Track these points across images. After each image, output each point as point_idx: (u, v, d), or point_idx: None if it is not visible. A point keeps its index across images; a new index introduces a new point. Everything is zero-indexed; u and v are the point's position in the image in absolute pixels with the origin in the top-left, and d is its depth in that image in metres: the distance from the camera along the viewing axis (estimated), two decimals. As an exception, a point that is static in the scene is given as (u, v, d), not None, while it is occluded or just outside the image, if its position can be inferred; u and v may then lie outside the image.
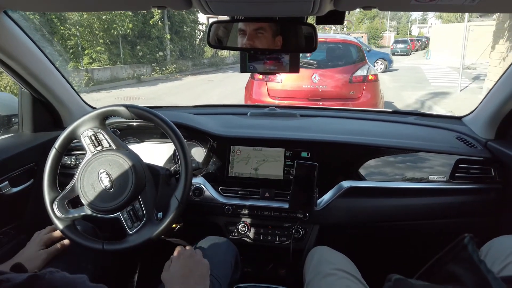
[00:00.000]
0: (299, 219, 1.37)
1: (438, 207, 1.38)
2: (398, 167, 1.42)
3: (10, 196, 1.33)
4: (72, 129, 1.14)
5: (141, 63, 15.01)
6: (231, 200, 1.42)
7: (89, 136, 1.13)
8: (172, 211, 1.09)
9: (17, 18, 1.24)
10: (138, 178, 1.09)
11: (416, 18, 62.94)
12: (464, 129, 1.59)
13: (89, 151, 1.13)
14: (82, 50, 12.82)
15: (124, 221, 1.08)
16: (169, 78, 15.05)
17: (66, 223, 1.09)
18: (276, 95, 4.71)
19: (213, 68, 19.09)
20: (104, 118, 1.16)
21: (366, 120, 1.76)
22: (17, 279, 0.54)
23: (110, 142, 1.14)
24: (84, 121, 1.14)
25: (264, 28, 1.01)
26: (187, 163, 1.12)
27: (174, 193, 1.11)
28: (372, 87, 4.70)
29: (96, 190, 1.08)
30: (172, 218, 1.08)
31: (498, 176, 1.37)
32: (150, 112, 1.14)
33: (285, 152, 1.44)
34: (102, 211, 1.08)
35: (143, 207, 1.09)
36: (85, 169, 1.10)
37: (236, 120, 1.72)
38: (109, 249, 1.07)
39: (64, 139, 1.14)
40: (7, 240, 1.36)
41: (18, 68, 1.33)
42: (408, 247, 1.55)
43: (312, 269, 1.10)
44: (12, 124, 1.63)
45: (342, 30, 36.03)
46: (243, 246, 1.44)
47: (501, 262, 0.89)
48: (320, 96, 4.64)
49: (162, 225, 1.07)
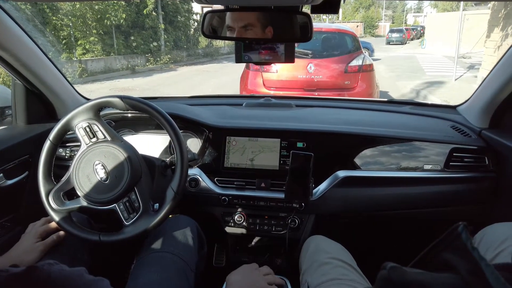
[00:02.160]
0: (295, 209, 1.38)
1: (432, 195, 1.39)
2: (393, 156, 1.43)
3: (5, 189, 1.33)
4: (67, 120, 1.13)
5: (135, 54, 14.86)
6: (227, 190, 1.42)
7: (83, 128, 1.13)
8: (168, 202, 1.08)
9: (8, 8, 1.22)
10: (134, 170, 1.09)
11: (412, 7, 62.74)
12: (458, 118, 1.60)
13: (84, 142, 1.12)
14: (75, 41, 12.64)
15: (121, 212, 1.08)
16: (163, 68, 14.94)
17: (62, 215, 1.09)
18: (272, 86, 4.66)
19: (208, 58, 18.94)
20: (98, 110, 1.15)
21: (362, 110, 1.77)
22: (15, 270, 0.54)
23: (105, 134, 1.13)
24: (78, 112, 1.13)
25: (252, 24, 0.99)
26: (183, 154, 1.11)
27: (170, 184, 1.11)
28: (368, 76, 4.64)
29: (91, 182, 1.08)
30: (168, 209, 1.08)
31: (492, 164, 1.38)
32: (145, 103, 1.13)
33: (281, 143, 1.44)
34: (98, 203, 1.08)
35: (139, 198, 1.08)
36: (80, 161, 1.10)
37: (231, 110, 1.71)
38: (105, 241, 1.07)
39: (58, 131, 1.13)
40: (3, 232, 1.36)
41: (11, 59, 1.31)
42: (403, 236, 1.56)
43: (308, 258, 1.11)
44: (6, 116, 1.62)
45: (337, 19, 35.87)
46: (239, 236, 1.45)
47: (494, 249, 0.91)
48: (315, 87, 4.59)
49: (159, 216, 1.07)
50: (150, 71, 14.24)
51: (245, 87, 4.83)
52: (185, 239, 1.17)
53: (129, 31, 14.65)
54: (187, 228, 1.22)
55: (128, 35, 14.67)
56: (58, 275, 0.58)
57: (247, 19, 1.00)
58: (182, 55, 17.48)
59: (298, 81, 4.64)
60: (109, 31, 13.58)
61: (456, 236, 0.42)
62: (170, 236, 1.16)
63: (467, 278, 0.39)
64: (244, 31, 1.00)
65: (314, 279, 1.00)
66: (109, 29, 13.52)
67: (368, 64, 4.68)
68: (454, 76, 10.00)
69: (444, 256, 0.43)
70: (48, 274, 0.56)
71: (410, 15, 59.55)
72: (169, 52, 16.59)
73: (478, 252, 0.39)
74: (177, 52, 17.28)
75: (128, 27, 14.46)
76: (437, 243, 0.45)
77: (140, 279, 1.00)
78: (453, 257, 0.42)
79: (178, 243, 1.13)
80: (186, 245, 1.15)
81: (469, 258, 0.39)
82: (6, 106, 1.59)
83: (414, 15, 58.89)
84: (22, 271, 0.54)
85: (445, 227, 0.46)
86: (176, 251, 1.08)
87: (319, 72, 4.59)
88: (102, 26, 13.03)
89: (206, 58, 18.87)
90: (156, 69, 14.63)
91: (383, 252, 1.57)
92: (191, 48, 18.72)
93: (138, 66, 14.46)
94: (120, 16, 13.17)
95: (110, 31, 13.62)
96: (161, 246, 1.11)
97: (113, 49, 13.93)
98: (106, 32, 13.52)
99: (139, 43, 14.92)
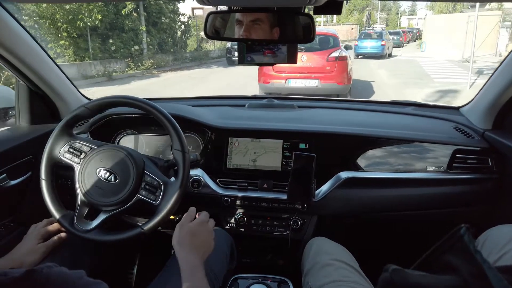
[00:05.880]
0: (297, 210, 1.38)
1: (435, 197, 1.38)
2: (395, 157, 1.43)
3: (8, 189, 1.33)
4: (47, 154, 1.13)
5: (114, 58, 13.31)
6: (229, 191, 1.42)
7: (67, 151, 1.13)
8: (181, 163, 1.10)
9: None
10: (135, 158, 1.09)
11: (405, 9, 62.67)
12: (461, 119, 1.59)
13: (75, 163, 1.12)
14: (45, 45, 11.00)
15: (146, 197, 1.08)
16: (145, 74, 13.46)
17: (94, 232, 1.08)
18: (279, 71, 6.72)
19: (196, 62, 17.35)
20: (70, 128, 1.17)
21: (364, 111, 1.76)
22: (15, 273, 0.54)
23: (89, 145, 1.14)
24: (53, 141, 1.14)
25: (261, 19, 1.00)
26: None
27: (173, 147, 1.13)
28: (342, 64, 6.76)
29: (104, 189, 1.07)
30: (184, 169, 1.10)
31: (495, 166, 1.37)
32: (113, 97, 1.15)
33: (283, 144, 1.44)
34: (120, 203, 1.07)
35: (153, 176, 1.09)
36: (82, 180, 1.09)
37: (234, 111, 1.71)
38: (149, 228, 1.06)
39: (46, 168, 1.13)
40: (6, 232, 1.36)
41: (14, 61, 1.32)
42: (406, 237, 1.56)
43: (310, 259, 1.11)
44: (9, 117, 1.63)
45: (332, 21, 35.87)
46: (241, 237, 1.45)
47: (498, 251, 0.90)
48: (306, 71, 6.71)
49: (180, 177, 1.09)
50: (129, 77, 12.80)
51: (262, 72, 6.96)
52: (219, 252, 1.17)
53: (107, 33, 13.15)
54: (222, 241, 1.23)
55: (106, 38, 13.18)
56: (57, 278, 0.57)
57: (257, 13, 1.00)
58: (167, 59, 16.07)
59: (295, 67, 6.62)
60: (83, 33, 12.11)
61: (458, 238, 0.42)
62: None
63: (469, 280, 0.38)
64: (252, 25, 1.01)
65: (316, 280, 1.00)
66: (84, 32, 12.05)
67: (344, 55, 6.82)
68: (468, 83, 9.28)
69: (446, 258, 0.43)
70: (47, 277, 0.56)
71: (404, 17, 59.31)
72: (153, 56, 15.03)
73: (481, 255, 0.39)
74: (162, 56, 15.87)
75: (106, 29, 12.97)
76: (440, 245, 0.45)
77: (167, 285, 1.00)
78: (455, 260, 0.41)
79: (211, 255, 1.12)
80: (218, 258, 1.15)
81: (472, 260, 0.39)
82: (9, 107, 1.60)
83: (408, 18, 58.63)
84: (20, 275, 0.54)
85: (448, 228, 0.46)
86: (208, 262, 1.07)
87: (309, 61, 6.74)
88: (74, 28, 11.62)
89: (194, 62, 17.22)
90: (136, 75, 13.18)
91: (386, 254, 1.56)
92: (178, 52, 17.38)
93: (116, 72, 12.82)
94: (95, 16, 11.66)
95: (85, 33, 12.14)
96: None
97: (88, 54, 12.43)
98: (80, 35, 12.06)
99: (118, 47, 13.36)
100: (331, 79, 6.68)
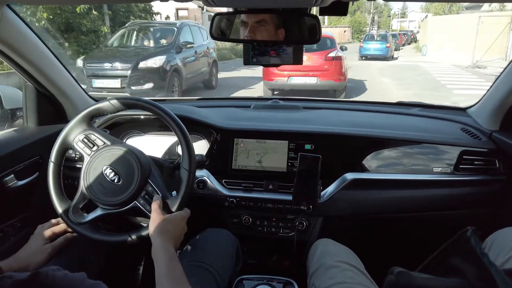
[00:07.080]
0: (302, 211, 1.37)
1: (442, 199, 1.37)
2: (402, 159, 1.42)
3: (16, 189, 1.34)
4: (63, 138, 1.14)
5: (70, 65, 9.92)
6: (235, 192, 1.42)
7: (81, 140, 1.14)
8: (185, 181, 1.09)
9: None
10: (142, 163, 1.10)
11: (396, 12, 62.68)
12: (468, 120, 1.58)
13: (86, 154, 1.13)
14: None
15: (142, 207, 1.08)
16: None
17: (86, 227, 1.09)
18: (281, 69, 7.29)
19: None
20: (90, 119, 1.17)
21: (370, 112, 1.76)
22: (20, 276, 0.55)
23: (104, 140, 1.14)
24: (71, 127, 1.14)
25: (266, 21, 1.00)
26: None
27: (181, 164, 1.12)
28: (338, 63, 7.58)
29: (106, 187, 1.08)
30: (186, 188, 1.09)
31: (502, 167, 1.36)
32: (151, 103, 1.13)
33: (289, 145, 1.44)
34: (117, 205, 1.08)
35: (155, 188, 1.09)
36: (88, 172, 1.10)
37: (239, 112, 1.72)
38: (138, 236, 1.06)
39: (58, 151, 1.14)
40: (14, 233, 1.37)
41: (22, 62, 1.33)
42: (412, 239, 1.55)
43: (316, 261, 1.11)
44: (17, 118, 1.64)
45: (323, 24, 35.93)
46: (247, 238, 1.45)
47: (505, 254, 0.89)
48: (306, 69, 7.41)
49: (179, 198, 1.08)
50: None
51: (267, 71, 7.63)
52: (224, 254, 1.18)
53: (63, 36, 11.31)
54: (228, 243, 1.24)
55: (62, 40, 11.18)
56: (62, 281, 0.58)
57: (262, 14, 1.00)
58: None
59: (296, 66, 6.90)
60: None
61: (464, 241, 0.42)
62: (210, 248, 1.17)
63: (475, 283, 0.38)
64: (257, 26, 1.01)
65: (322, 282, 1.00)
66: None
67: (339, 56, 7.66)
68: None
69: (452, 261, 0.43)
70: (52, 281, 0.57)
71: (395, 20, 59.18)
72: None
73: (488, 258, 0.39)
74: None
75: (60, 31, 11.19)
76: (446, 248, 0.45)
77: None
78: (461, 262, 0.41)
79: (217, 257, 1.13)
80: (223, 260, 1.16)
81: (478, 263, 0.39)
82: (17, 107, 1.62)
83: (400, 21, 58.60)
84: (26, 278, 0.54)
85: (454, 231, 0.45)
86: (214, 264, 1.08)
87: (309, 60, 7.39)
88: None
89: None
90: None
91: (391, 256, 1.55)
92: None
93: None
94: (39, 16, 9.86)
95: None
96: (199, 257, 1.11)
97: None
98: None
99: (75, 51, 11.13)
100: (329, 77, 7.54)
